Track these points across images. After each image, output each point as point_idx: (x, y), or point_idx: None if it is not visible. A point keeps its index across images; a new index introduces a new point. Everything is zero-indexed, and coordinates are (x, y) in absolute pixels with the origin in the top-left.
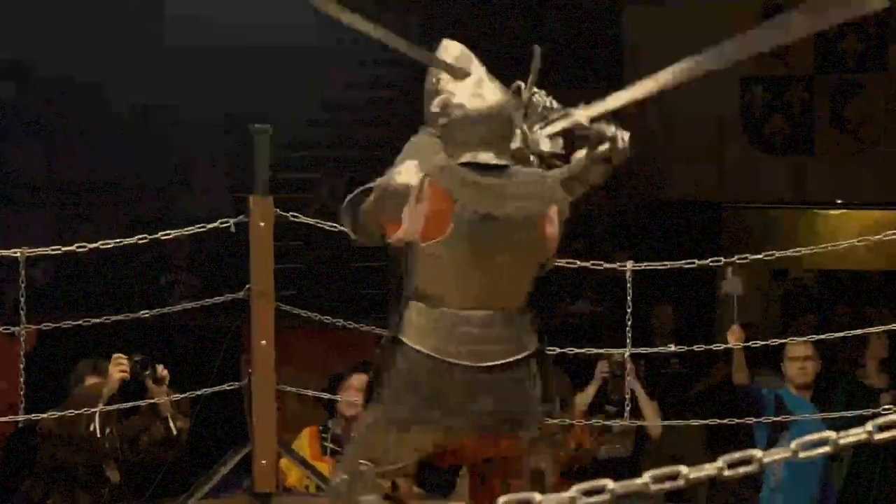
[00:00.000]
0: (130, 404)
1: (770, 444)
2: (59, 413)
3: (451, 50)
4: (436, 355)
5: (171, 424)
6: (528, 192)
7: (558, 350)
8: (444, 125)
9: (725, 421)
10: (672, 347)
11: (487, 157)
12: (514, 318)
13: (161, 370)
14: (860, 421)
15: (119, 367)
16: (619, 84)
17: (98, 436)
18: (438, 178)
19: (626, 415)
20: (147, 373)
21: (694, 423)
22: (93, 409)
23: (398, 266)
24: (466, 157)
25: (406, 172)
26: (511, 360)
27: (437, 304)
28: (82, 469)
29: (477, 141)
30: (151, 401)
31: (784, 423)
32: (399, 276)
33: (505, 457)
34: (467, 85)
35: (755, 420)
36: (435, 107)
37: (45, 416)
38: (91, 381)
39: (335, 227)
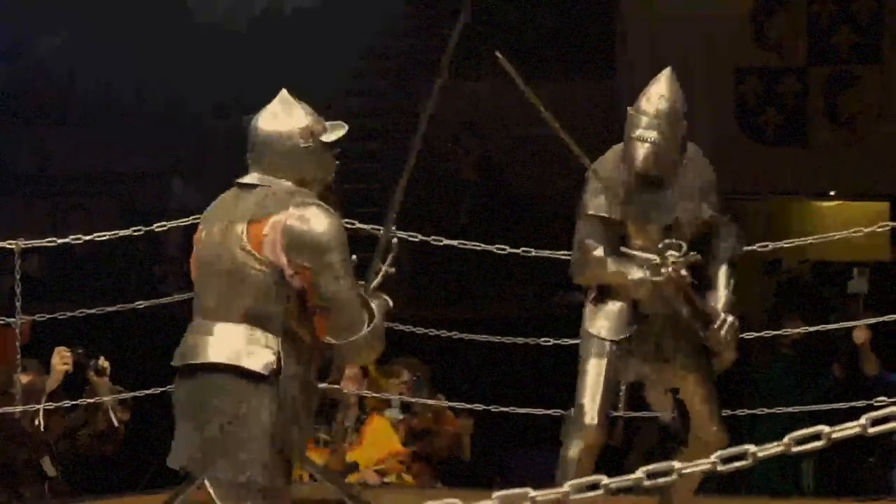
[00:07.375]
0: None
1: None
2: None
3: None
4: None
5: (112, 416)
6: (244, 206)
7: (553, 341)
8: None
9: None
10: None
11: (244, 178)
12: (228, 330)
13: (102, 362)
14: None
15: (62, 360)
16: (611, 74)
17: (42, 430)
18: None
19: None
20: (91, 364)
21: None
22: (36, 406)
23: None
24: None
25: None
26: (201, 362)
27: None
28: (22, 464)
29: (251, 161)
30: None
31: None
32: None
33: None
34: (273, 106)
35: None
36: None
37: None
38: (25, 378)
39: None
